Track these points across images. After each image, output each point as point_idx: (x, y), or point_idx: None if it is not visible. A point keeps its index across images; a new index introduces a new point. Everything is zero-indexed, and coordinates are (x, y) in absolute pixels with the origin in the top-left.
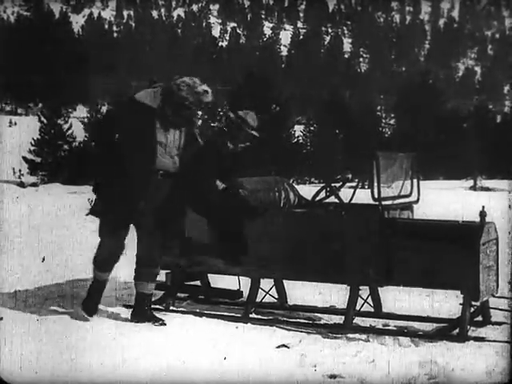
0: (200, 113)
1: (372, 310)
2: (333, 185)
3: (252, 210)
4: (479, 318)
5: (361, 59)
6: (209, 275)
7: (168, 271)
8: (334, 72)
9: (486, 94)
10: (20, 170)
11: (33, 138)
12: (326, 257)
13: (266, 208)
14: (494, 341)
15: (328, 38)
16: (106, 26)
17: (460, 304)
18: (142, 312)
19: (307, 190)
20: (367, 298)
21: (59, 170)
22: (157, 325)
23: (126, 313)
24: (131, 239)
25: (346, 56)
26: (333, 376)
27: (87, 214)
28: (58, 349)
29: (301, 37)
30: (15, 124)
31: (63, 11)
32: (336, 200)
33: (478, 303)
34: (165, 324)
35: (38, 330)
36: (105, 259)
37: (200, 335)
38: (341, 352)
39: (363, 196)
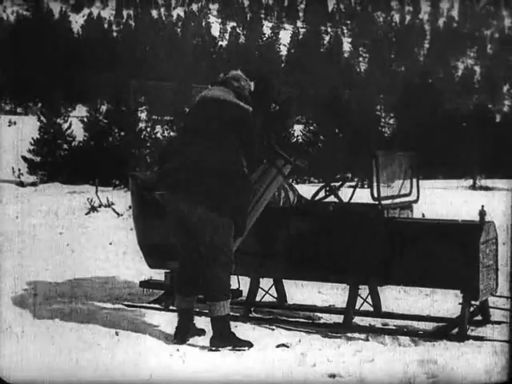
0: None
1: (371, 309)
2: (332, 184)
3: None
4: (479, 318)
5: (360, 59)
6: None
7: (167, 270)
8: (334, 71)
9: (485, 94)
10: (19, 170)
11: (32, 138)
12: (325, 256)
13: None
14: (494, 340)
15: (328, 38)
16: (106, 26)
17: (459, 303)
18: (222, 337)
19: (306, 190)
20: (367, 297)
21: (59, 170)
22: (243, 349)
23: (126, 312)
24: (133, 237)
25: (346, 55)
26: (332, 375)
27: None
28: (58, 349)
29: (300, 36)
30: (14, 123)
31: (63, 11)
32: (335, 199)
33: (477, 302)
34: (252, 345)
35: (37, 329)
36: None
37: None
38: (340, 351)
39: (363, 195)
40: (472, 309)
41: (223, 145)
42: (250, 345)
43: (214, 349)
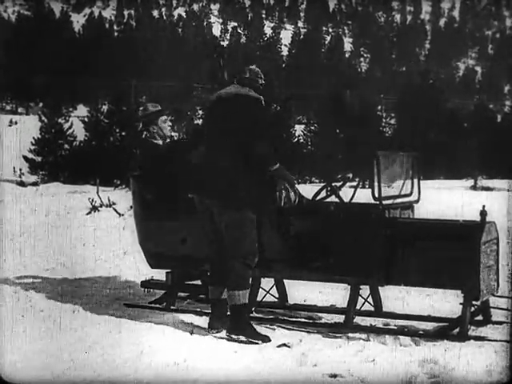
0: None
1: (372, 309)
2: (333, 184)
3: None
4: (480, 318)
5: (361, 59)
6: None
7: (168, 270)
8: (335, 71)
9: (486, 94)
10: (20, 170)
11: (33, 138)
12: (326, 256)
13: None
14: (495, 340)
15: (329, 38)
16: (107, 26)
17: (460, 303)
18: (239, 326)
19: (308, 190)
20: (368, 297)
21: (60, 170)
22: (257, 343)
23: (127, 312)
24: (132, 236)
25: (347, 55)
26: (333, 375)
27: None
28: (59, 348)
29: (301, 36)
30: (16, 123)
31: (64, 10)
32: (337, 199)
33: (478, 303)
34: (270, 340)
35: (38, 328)
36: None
37: (201, 334)
38: (341, 351)
39: (364, 195)
40: (473, 309)
41: (238, 144)
42: (267, 339)
43: (230, 336)
